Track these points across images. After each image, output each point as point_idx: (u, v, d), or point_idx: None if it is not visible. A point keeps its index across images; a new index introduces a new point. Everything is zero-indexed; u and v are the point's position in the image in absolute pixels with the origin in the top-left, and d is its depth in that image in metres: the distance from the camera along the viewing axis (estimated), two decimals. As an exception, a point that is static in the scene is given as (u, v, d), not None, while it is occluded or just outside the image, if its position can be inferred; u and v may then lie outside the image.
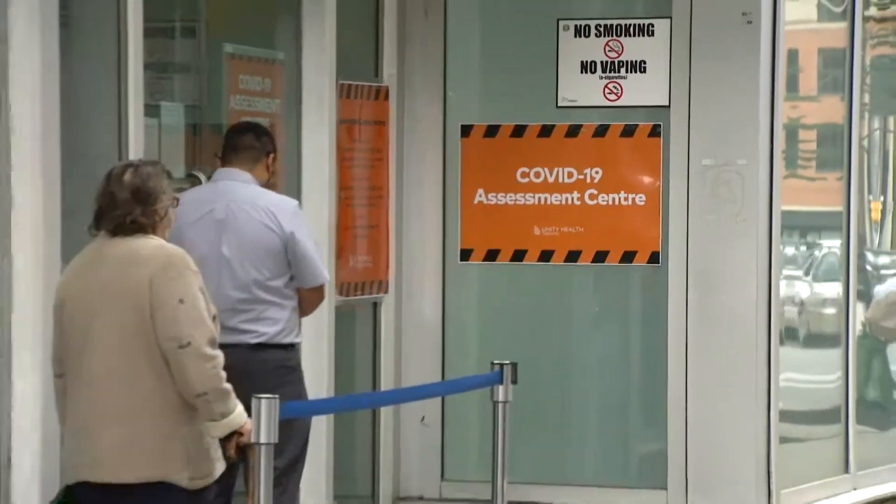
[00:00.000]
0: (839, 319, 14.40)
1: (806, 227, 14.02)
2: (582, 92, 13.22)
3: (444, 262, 13.55)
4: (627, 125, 13.15)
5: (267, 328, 9.83)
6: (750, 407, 12.86)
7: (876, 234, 15.38)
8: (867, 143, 14.73)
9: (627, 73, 13.10)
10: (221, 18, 12.60)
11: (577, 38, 13.19)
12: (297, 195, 12.28)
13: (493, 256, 13.43)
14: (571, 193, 13.22)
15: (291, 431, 9.67)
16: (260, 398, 8.48)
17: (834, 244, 14.38)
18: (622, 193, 13.14)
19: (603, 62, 13.12)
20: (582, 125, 13.22)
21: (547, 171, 13.28)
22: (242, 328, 10.02)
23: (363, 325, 13.47)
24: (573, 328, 13.55)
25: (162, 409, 8.33)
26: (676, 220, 12.99)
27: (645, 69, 13.10)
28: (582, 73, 13.18)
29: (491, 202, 13.43)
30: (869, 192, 14.80)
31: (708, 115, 12.92)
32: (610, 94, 13.12)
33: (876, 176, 15.20)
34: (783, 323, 13.26)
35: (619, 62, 13.10)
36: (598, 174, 13.15)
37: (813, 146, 14.20)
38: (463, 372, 12.90)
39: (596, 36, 13.14)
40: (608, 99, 13.13)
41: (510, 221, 13.41)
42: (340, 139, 12.83)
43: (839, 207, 14.42)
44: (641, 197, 13.10)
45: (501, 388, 10.48)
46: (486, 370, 10.91)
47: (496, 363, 10.64)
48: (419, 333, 13.56)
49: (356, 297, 13.12)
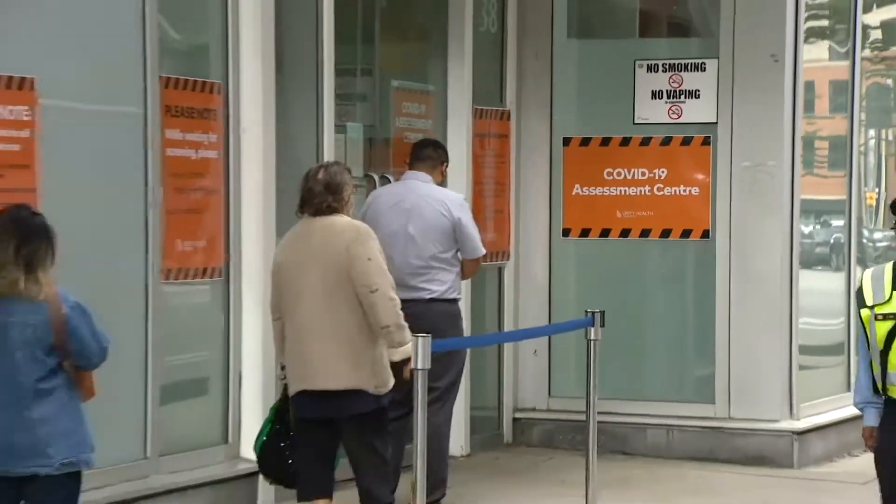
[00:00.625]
0: (843, 278, 14.60)
1: (819, 211, 14.25)
2: (652, 113, 13.51)
3: (550, 237, 13.83)
4: (685, 137, 13.43)
5: (437, 287, 10.17)
6: (776, 343, 13.19)
7: (871, 216, 15.64)
8: (864, 149, 14.96)
9: (685, 98, 13.39)
10: (390, 62, 12.99)
11: (648, 73, 13.49)
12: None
13: (585, 233, 13.75)
14: (644, 187, 13.52)
15: (450, 362, 10.32)
16: (417, 337, 8.85)
17: (839, 223, 14.58)
18: (681, 187, 13.45)
19: (667, 91, 13.41)
20: (652, 137, 13.51)
21: (626, 170, 13.55)
22: (420, 286, 10.46)
23: (491, 284, 13.78)
24: (645, 286, 13.82)
25: (355, 338, 8.95)
26: (722, 206, 13.29)
27: (699, 96, 13.36)
28: (652, 99, 13.48)
29: (584, 194, 13.72)
30: (865, 185, 14.88)
31: (745, 129, 13.21)
32: (673, 114, 13.43)
33: (871, 173, 15.46)
34: (801, 281, 13.40)
35: (679, 91, 13.39)
36: (663, 173, 13.46)
37: (825, 152, 14.32)
38: (564, 318, 13.25)
39: (662, 72, 13.44)
40: (671, 118, 13.43)
41: (598, 208, 13.69)
42: (475, 148, 13.19)
43: (843, 196, 14.66)
44: (696, 189, 13.40)
45: (593, 329, 10.73)
46: (581, 316, 11.19)
47: (589, 311, 10.92)
48: (532, 290, 13.86)
49: (486, 263, 13.08)
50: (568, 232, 13.81)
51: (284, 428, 9.50)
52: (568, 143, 13.76)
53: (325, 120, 11.50)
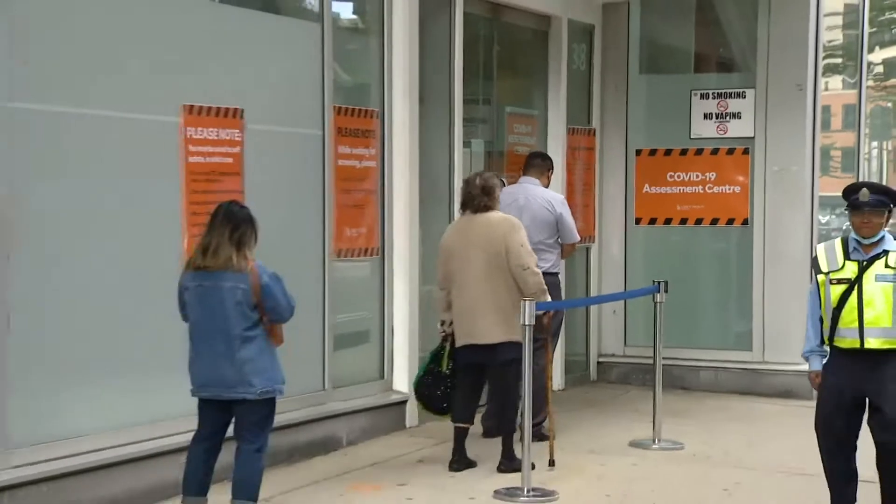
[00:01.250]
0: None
1: (833, 204, 14.34)
2: (704, 130, 13.47)
3: (625, 225, 13.86)
4: (730, 148, 13.38)
5: (543, 264, 9.85)
6: (799, 303, 12.24)
7: None
8: (868, 156, 15.08)
9: (730, 119, 13.37)
10: (504, 93, 13.13)
11: (701, 100, 13.46)
12: None
13: (652, 222, 13.78)
14: (697, 186, 13.48)
15: (556, 319, 10.38)
16: (524, 300, 8.92)
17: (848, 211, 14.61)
18: (727, 186, 13.41)
19: (716, 113, 13.39)
20: (704, 148, 13.46)
21: (683, 174, 13.55)
22: None
23: (580, 261, 13.76)
24: (698, 261, 13.80)
25: (507, 305, 9.22)
26: (758, 200, 13.26)
27: (740, 117, 13.35)
28: (704, 119, 13.46)
29: (651, 192, 13.73)
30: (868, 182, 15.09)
31: (776, 142, 13.21)
32: (720, 131, 13.40)
33: (874, 175, 15.54)
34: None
35: (725, 113, 13.38)
36: (713, 175, 13.43)
37: (838, 159, 14.45)
38: (636, 286, 13.26)
39: (712, 98, 13.42)
40: (719, 133, 13.39)
41: (663, 202, 13.69)
42: (568, 158, 13.24)
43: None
44: (738, 188, 13.36)
45: (658, 294, 10.74)
46: (649, 285, 11.11)
47: (655, 281, 10.93)
48: (611, 265, 13.93)
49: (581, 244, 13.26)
50: (639, 221, 13.81)
51: (437, 368, 9.76)
52: (639, 153, 13.77)
53: (455, 138, 11.65)
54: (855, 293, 7.25)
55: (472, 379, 9.67)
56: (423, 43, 11.16)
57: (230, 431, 7.75)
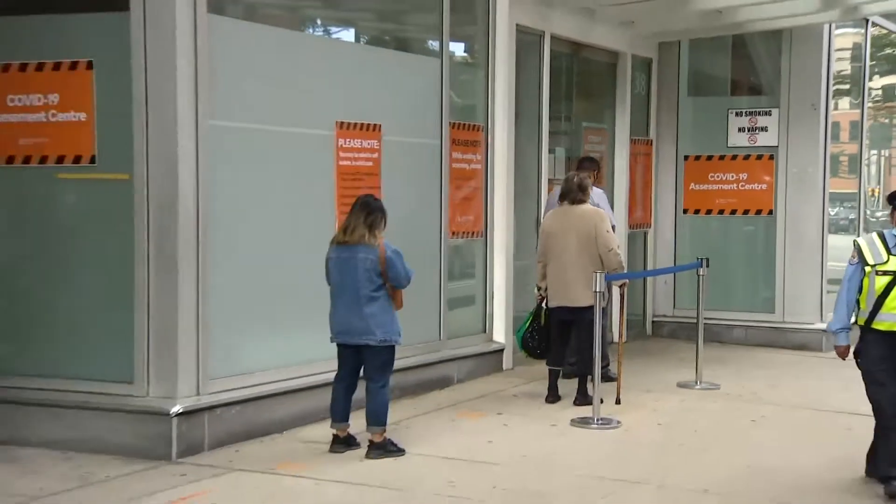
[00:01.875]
0: (858, 235, 13.81)
1: (841, 199, 14.08)
2: (738, 140, 13.32)
3: (675, 215, 13.72)
4: (758, 154, 13.23)
5: None
6: (813, 278, 13.11)
7: (873, 202, 15.41)
8: (868, 162, 14.73)
9: (759, 132, 13.21)
10: (581, 111, 13.04)
11: (736, 116, 13.31)
12: (611, 188, 12.82)
13: (697, 212, 13.62)
14: (732, 185, 13.34)
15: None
16: (596, 273, 8.93)
17: (852, 207, 14.34)
18: (756, 184, 13.26)
19: (748, 127, 13.25)
20: (738, 154, 13.31)
21: (722, 174, 13.42)
22: None
23: (640, 242, 13.69)
24: (733, 243, 13.60)
25: (591, 276, 9.02)
26: (780, 195, 13.13)
27: (767, 130, 13.19)
28: (738, 132, 13.31)
29: (697, 189, 13.58)
30: (869, 183, 14.73)
31: (795, 150, 13.07)
32: (751, 140, 13.25)
33: (873, 177, 15.26)
34: (828, 241, 13.23)
35: (755, 127, 13.23)
36: (745, 176, 13.30)
37: (845, 164, 14.13)
38: (683, 262, 13.20)
39: (745, 116, 13.26)
40: (750, 143, 13.25)
41: (705, 197, 13.56)
42: (630, 162, 13.24)
43: (855, 191, 14.40)
44: (765, 185, 13.22)
45: (702, 269, 10.68)
46: (694, 261, 11.09)
47: (699, 258, 10.90)
48: (664, 245, 13.81)
49: (636, 229, 13.46)
50: (686, 211, 13.68)
51: (536, 325, 9.78)
52: (686, 158, 13.64)
53: (542, 147, 11.64)
54: None
55: (562, 332, 9.68)
56: (518, 73, 11.18)
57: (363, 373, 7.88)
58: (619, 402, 9.58)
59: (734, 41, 13.72)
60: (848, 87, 14.16)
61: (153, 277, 7.73)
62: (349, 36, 10.29)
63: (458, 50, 10.80)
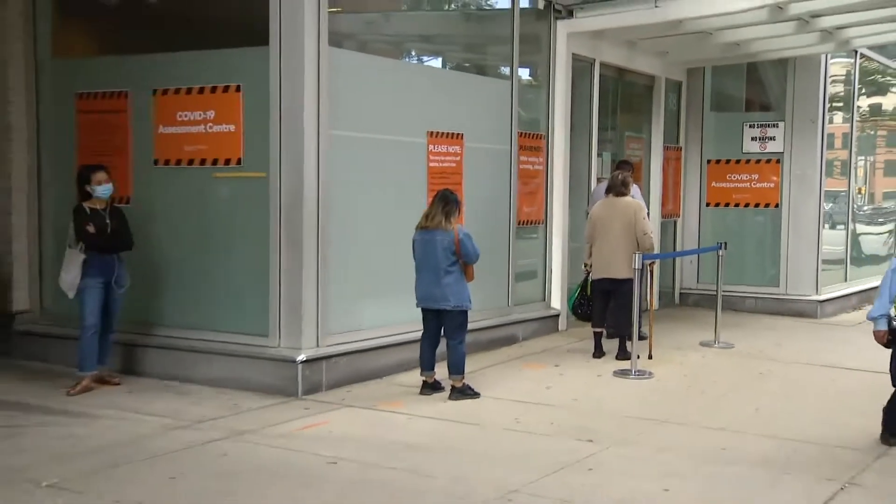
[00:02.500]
0: (844, 230, 14.08)
1: (834, 196, 13.84)
2: (751, 147, 13.08)
3: (699, 207, 13.48)
4: (767, 159, 12.98)
5: None
6: (811, 258, 12.84)
7: (861, 199, 15.11)
8: (856, 165, 14.55)
9: (768, 141, 12.97)
10: (624, 123, 12.77)
11: (749, 128, 13.07)
12: (647, 186, 12.62)
13: (717, 205, 13.37)
14: (746, 183, 13.13)
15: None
16: (635, 253, 8.90)
17: (843, 200, 13.98)
18: (765, 183, 13.01)
19: (759, 137, 13.01)
20: (751, 159, 13.08)
21: (737, 175, 13.19)
22: None
23: (670, 230, 13.39)
24: (746, 230, 13.28)
25: (630, 253, 8.98)
26: (785, 192, 12.87)
27: (775, 139, 12.95)
28: (751, 141, 13.08)
29: (717, 186, 13.35)
30: (857, 183, 14.38)
31: (798, 156, 12.81)
32: (762, 148, 13.01)
33: (860, 179, 15.00)
34: (823, 231, 13.02)
35: (765, 137, 12.99)
36: (756, 176, 13.08)
37: (838, 167, 13.91)
38: (706, 245, 12.99)
39: (757, 127, 13.03)
40: (761, 150, 13.01)
41: (724, 192, 13.33)
42: (664, 165, 12.97)
43: (846, 189, 14.08)
44: (771, 184, 12.97)
45: (721, 251, 10.55)
46: (714, 244, 11.02)
47: (718, 242, 10.83)
48: (689, 233, 13.55)
49: (667, 219, 13.19)
50: (708, 204, 13.46)
51: (583, 294, 9.77)
52: (709, 162, 13.42)
53: (592, 151, 11.54)
54: None
55: (603, 300, 9.59)
56: (573, 92, 11.05)
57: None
58: (651, 357, 9.48)
59: (748, 67, 13.50)
60: (841, 105, 13.94)
61: (284, 254, 7.83)
62: (438, 63, 10.29)
63: (524, 74, 10.70)
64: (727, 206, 13.44)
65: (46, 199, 9.20)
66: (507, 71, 10.27)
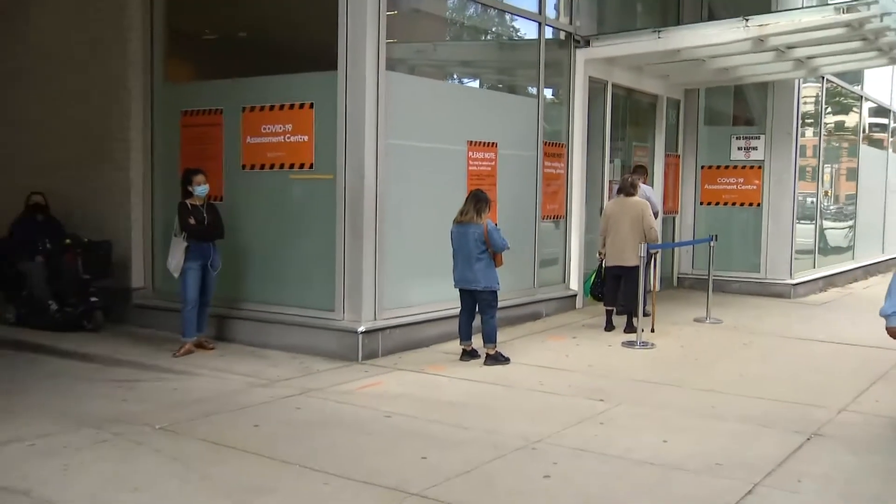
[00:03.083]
0: (813, 225, 13.67)
1: (806, 197, 13.57)
2: (738, 156, 12.77)
3: (695, 205, 13.17)
4: (751, 166, 12.67)
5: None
6: (786, 248, 12.49)
7: (827, 200, 14.71)
8: (823, 171, 14.30)
9: (751, 151, 12.66)
10: (633, 134, 12.40)
11: (736, 140, 12.78)
12: (651, 187, 11.95)
13: (709, 203, 13.06)
14: (733, 185, 12.85)
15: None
16: (641, 243, 8.72)
17: (812, 202, 13.60)
18: (749, 185, 12.70)
19: (744, 147, 12.70)
20: (738, 165, 12.79)
21: (726, 178, 12.90)
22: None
23: (670, 225, 12.98)
24: (733, 224, 12.90)
25: (637, 245, 8.72)
26: (766, 192, 12.53)
27: (757, 149, 12.62)
28: (738, 150, 12.76)
29: (710, 188, 13.04)
30: (824, 186, 14.10)
31: (775, 163, 12.45)
32: (746, 156, 12.70)
33: (827, 183, 14.69)
34: (797, 226, 12.66)
35: (749, 147, 12.67)
36: (741, 180, 12.76)
37: (809, 173, 13.67)
38: (700, 237, 12.74)
39: (742, 139, 12.73)
40: (745, 157, 12.70)
41: (715, 193, 13.01)
42: (665, 170, 12.61)
43: (815, 191, 13.69)
44: (754, 187, 12.66)
45: (713, 242, 10.32)
46: (707, 237, 10.85)
47: (710, 234, 10.64)
48: (686, 226, 13.18)
49: (668, 215, 12.82)
50: (702, 203, 13.15)
51: (598, 279, 9.52)
52: (703, 168, 13.14)
53: (605, 158, 11.27)
54: None
55: (615, 283, 9.37)
56: (589, 109, 10.85)
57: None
58: (653, 331, 9.27)
59: (735, 89, 13.23)
60: (811, 121, 13.71)
61: (347, 242, 7.74)
62: (476, 84, 10.11)
63: (549, 93, 10.50)
64: (717, 204, 13.15)
65: (157, 197, 9.25)
66: (534, 91, 10.09)
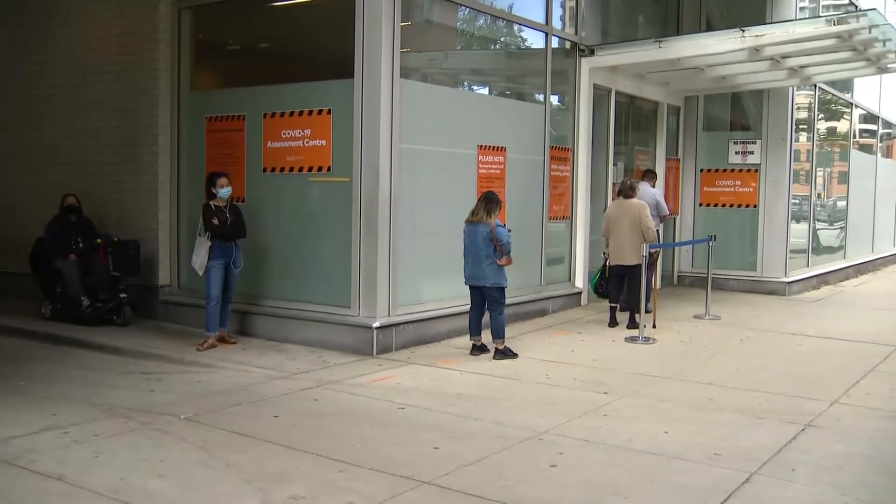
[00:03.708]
0: (807, 225, 13.53)
1: (800, 198, 13.46)
2: (736, 160, 12.67)
3: (695, 207, 13.06)
4: (749, 169, 12.58)
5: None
6: (781, 247, 12.39)
7: (819, 201, 14.54)
8: (816, 174, 14.23)
9: (748, 155, 12.57)
10: (635, 139, 12.32)
11: (734, 144, 12.68)
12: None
13: (708, 205, 12.97)
14: (731, 188, 12.74)
15: (656, 254, 9.80)
16: (644, 244, 8.72)
17: (807, 204, 13.45)
18: (746, 188, 12.61)
19: (741, 151, 12.61)
20: (735, 169, 12.69)
21: (724, 181, 12.80)
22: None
23: (670, 226, 12.83)
24: (731, 225, 12.79)
25: (637, 245, 8.70)
26: (762, 194, 12.45)
27: (754, 153, 12.53)
28: (735, 154, 12.66)
29: (708, 190, 12.95)
30: (816, 189, 13.98)
31: (771, 167, 12.36)
32: (743, 160, 12.60)
33: (820, 185, 14.56)
34: (791, 226, 12.60)
35: (745, 151, 12.58)
36: (739, 182, 12.67)
37: (803, 176, 13.55)
38: (699, 237, 12.64)
39: (740, 143, 12.65)
40: (742, 161, 12.61)
41: (713, 195, 12.91)
42: (666, 173, 12.52)
43: (808, 193, 13.51)
44: (751, 189, 12.57)
45: (712, 242, 10.22)
46: (706, 236, 10.80)
47: (709, 234, 10.56)
48: (686, 227, 13.07)
49: (670, 216, 12.59)
50: (702, 204, 13.07)
51: (602, 277, 9.45)
52: (702, 171, 13.06)
53: (609, 162, 11.19)
54: None
55: (618, 281, 9.34)
56: (594, 114, 10.78)
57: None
58: (655, 326, 9.22)
59: (732, 96, 13.17)
60: (805, 127, 13.62)
61: (363, 242, 7.71)
62: (486, 91, 10.03)
63: (555, 100, 10.44)
64: (716, 206, 13.07)
65: (183, 198, 9.25)
66: (541, 97, 10.04)
